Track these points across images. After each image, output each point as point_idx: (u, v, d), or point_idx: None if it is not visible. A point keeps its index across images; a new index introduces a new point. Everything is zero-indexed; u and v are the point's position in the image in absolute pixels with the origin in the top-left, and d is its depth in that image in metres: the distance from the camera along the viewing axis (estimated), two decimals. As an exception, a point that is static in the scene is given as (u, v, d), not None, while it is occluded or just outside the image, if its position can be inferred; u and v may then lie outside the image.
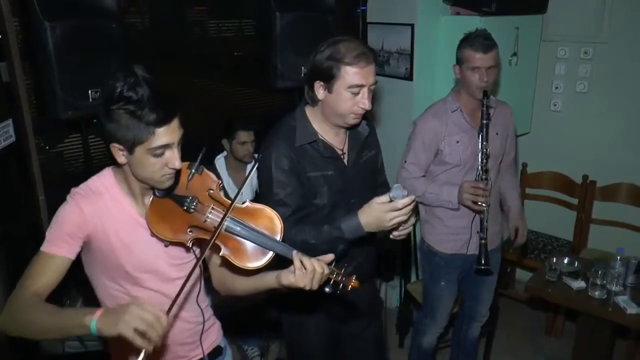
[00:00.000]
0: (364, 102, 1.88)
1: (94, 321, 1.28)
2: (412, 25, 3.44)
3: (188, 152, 1.56)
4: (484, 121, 2.50)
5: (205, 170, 1.59)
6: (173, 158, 1.45)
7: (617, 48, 3.56)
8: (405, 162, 2.68)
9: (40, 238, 2.64)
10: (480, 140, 2.53)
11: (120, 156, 1.46)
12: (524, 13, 3.54)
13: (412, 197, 1.75)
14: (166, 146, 1.43)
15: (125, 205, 1.57)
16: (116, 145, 1.44)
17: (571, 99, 3.83)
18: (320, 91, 1.92)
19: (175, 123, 1.44)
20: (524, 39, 3.56)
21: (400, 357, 3.41)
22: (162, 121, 1.40)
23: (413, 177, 2.65)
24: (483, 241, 2.57)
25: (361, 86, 1.86)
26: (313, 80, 1.93)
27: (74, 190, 1.56)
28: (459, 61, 2.55)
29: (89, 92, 2.42)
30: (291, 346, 2.35)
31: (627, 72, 3.56)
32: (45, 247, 1.50)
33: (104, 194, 1.55)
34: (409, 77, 3.55)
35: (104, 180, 1.58)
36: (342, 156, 2.03)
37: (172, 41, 3.50)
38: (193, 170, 1.55)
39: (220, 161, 3.32)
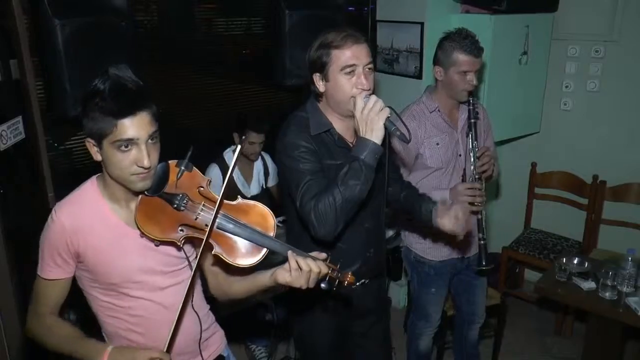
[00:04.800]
0: (361, 82, 1.84)
1: None
2: (422, 24, 3.43)
3: (198, 147, 1.55)
4: (472, 120, 2.47)
5: (194, 168, 1.55)
6: (141, 156, 1.40)
7: (628, 46, 3.53)
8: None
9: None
10: (470, 140, 2.49)
11: (95, 152, 1.46)
12: (535, 11, 3.52)
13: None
14: (131, 141, 1.39)
15: (109, 214, 1.53)
16: (90, 140, 1.44)
17: (582, 98, 3.80)
18: (320, 83, 1.92)
19: (142, 117, 1.39)
20: (535, 37, 3.54)
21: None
22: (123, 112, 1.37)
23: None
24: (482, 242, 2.55)
25: (353, 65, 1.84)
26: (311, 75, 1.94)
27: (57, 205, 1.54)
28: (443, 63, 2.46)
29: (98, 89, 2.42)
30: (300, 343, 2.36)
31: (639, 71, 3.53)
32: (41, 272, 1.54)
33: (87, 206, 1.53)
34: (418, 75, 3.54)
35: (87, 191, 1.56)
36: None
37: (180, 39, 3.51)
38: (182, 168, 1.51)
39: (229, 155, 3.33)
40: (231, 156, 3.34)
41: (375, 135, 1.73)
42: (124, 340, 1.61)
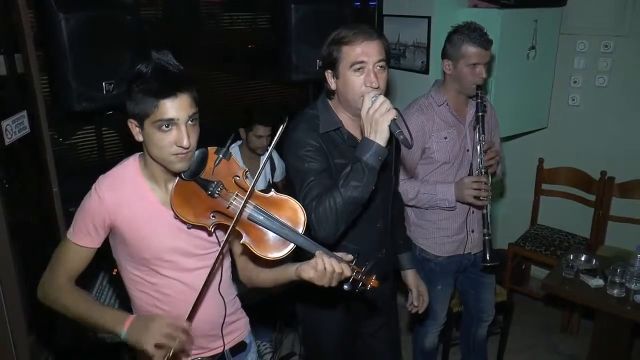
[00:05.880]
0: (370, 79, 1.79)
1: (124, 332, 1.48)
2: (429, 18, 3.40)
3: (202, 143, 1.56)
4: (480, 113, 2.45)
5: (233, 156, 1.59)
6: (180, 136, 1.45)
7: (638, 41, 3.48)
8: None
9: (54, 229, 2.67)
10: (477, 133, 2.47)
11: (137, 133, 1.51)
12: (544, 5, 3.48)
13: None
14: (172, 121, 1.44)
15: (147, 192, 1.59)
16: (132, 121, 1.50)
17: (590, 93, 3.76)
18: (331, 80, 1.90)
19: (182, 99, 1.46)
20: (543, 32, 3.50)
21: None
22: (164, 93, 1.43)
23: (401, 180, 2.54)
24: (487, 237, 2.52)
25: (362, 62, 1.80)
26: (324, 72, 1.92)
27: (99, 178, 1.60)
28: (452, 56, 2.45)
29: (103, 84, 2.42)
30: (306, 341, 2.35)
31: (649, 66, 3.49)
32: (71, 235, 1.60)
33: (127, 182, 1.58)
34: (425, 70, 3.52)
35: (129, 168, 1.61)
36: None
37: (186, 34, 3.49)
38: (220, 156, 1.56)
39: (234, 150, 3.33)
40: (237, 151, 3.34)
41: (380, 136, 1.69)
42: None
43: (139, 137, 1.51)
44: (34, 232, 2.62)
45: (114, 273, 2.46)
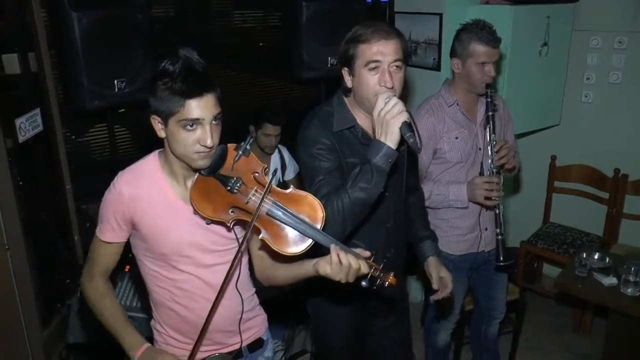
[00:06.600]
0: (384, 79, 1.78)
1: (135, 358, 1.60)
2: (441, 15, 3.39)
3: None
4: (490, 113, 2.43)
5: (252, 153, 1.60)
6: (205, 136, 1.47)
7: (653, 38, 3.45)
8: None
9: (66, 226, 2.69)
10: (488, 133, 2.45)
11: (160, 129, 1.53)
12: (556, 1, 3.45)
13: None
14: (197, 121, 1.46)
15: (166, 188, 1.60)
16: (155, 117, 1.51)
17: (603, 90, 3.72)
18: (347, 78, 1.89)
19: (208, 99, 1.47)
20: (555, 28, 3.47)
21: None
22: (192, 93, 1.44)
23: None
24: (500, 237, 2.50)
25: (377, 62, 1.78)
26: (341, 70, 1.90)
27: (119, 174, 1.62)
28: (460, 54, 2.42)
29: (115, 82, 2.44)
30: (317, 337, 2.35)
31: (663, 63, 3.45)
32: (98, 233, 1.65)
33: (146, 178, 1.60)
34: (436, 67, 3.50)
35: (149, 164, 1.63)
36: None
37: (197, 32, 3.51)
38: (240, 152, 1.57)
39: None
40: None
41: (390, 138, 1.67)
42: (167, 309, 1.70)
43: (162, 134, 1.53)
44: (47, 229, 2.65)
45: (126, 269, 2.48)
